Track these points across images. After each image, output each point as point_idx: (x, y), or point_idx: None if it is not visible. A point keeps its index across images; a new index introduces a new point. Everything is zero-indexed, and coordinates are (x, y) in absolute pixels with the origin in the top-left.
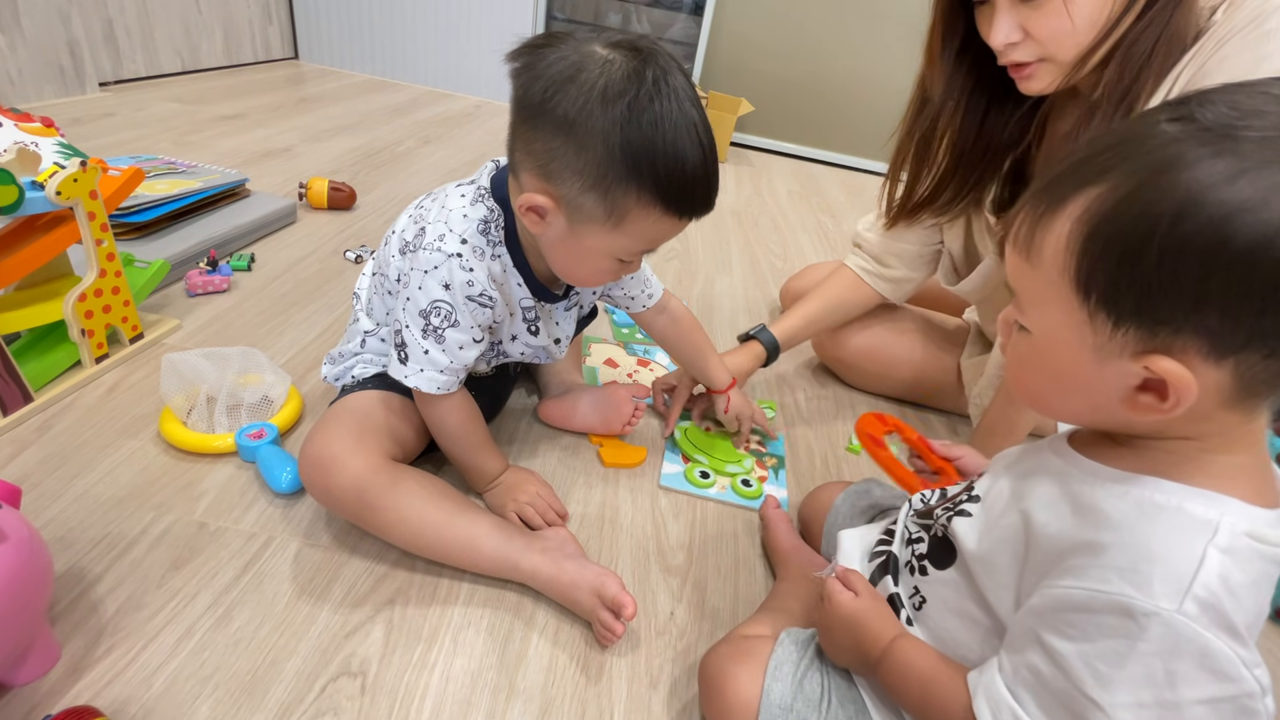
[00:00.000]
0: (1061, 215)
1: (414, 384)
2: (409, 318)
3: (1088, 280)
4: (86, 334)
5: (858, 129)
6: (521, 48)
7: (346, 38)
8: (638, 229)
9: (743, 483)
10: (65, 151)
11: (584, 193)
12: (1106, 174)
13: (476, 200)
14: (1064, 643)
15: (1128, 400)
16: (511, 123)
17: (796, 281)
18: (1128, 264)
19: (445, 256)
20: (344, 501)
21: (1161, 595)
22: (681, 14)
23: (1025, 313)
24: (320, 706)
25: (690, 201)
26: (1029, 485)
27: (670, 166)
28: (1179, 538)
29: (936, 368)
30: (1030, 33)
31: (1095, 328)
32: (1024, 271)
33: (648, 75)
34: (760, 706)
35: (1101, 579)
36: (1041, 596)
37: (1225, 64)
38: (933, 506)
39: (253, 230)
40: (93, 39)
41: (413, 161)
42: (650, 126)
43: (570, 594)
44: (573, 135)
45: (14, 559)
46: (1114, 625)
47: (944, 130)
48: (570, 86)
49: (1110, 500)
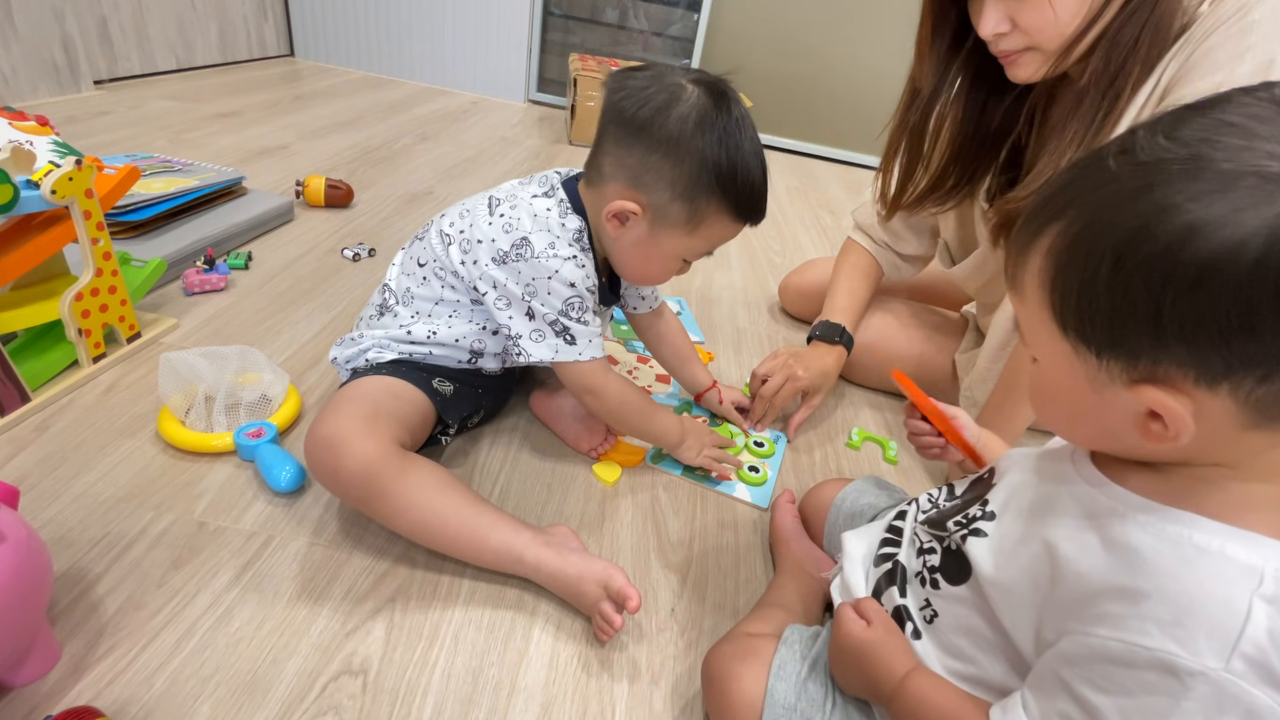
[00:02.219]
0: (1034, 252)
1: (592, 354)
2: (553, 313)
3: (1062, 314)
4: (84, 333)
5: (856, 124)
6: (619, 75)
7: (342, 34)
8: (709, 233)
9: (750, 469)
10: (60, 150)
11: (673, 201)
12: (1064, 211)
13: (566, 213)
14: (1100, 696)
15: (1140, 428)
16: (605, 142)
17: (795, 277)
18: (1087, 298)
19: (563, 260)
20: (351, 485)
21: (1208, 653)
22: (679, 9)
23: (1029, 344)
24: (321, 705)
25: (755, 211)
26: (1051, 509)
27: (744, 182)
28: (1223, 588)
29: (936, 362)
30: (1017, 23)
31: (1082, 359)
32: (1018, 307)
33: (727, 108)
34: (764, 706)
35: (1142, 631)
36: (1074, 643)
37: (1210, 55)
38: (945, 515)
39: (250, 228)
40: (87, 37)
41: (410, 159)
42: (735, 149)
43: (576, 587)
44: (671, 152)
45: (13, 559)
46: (1155, 682)
47: (939, 122)
48: (667, 112)
49: (1145, 538)
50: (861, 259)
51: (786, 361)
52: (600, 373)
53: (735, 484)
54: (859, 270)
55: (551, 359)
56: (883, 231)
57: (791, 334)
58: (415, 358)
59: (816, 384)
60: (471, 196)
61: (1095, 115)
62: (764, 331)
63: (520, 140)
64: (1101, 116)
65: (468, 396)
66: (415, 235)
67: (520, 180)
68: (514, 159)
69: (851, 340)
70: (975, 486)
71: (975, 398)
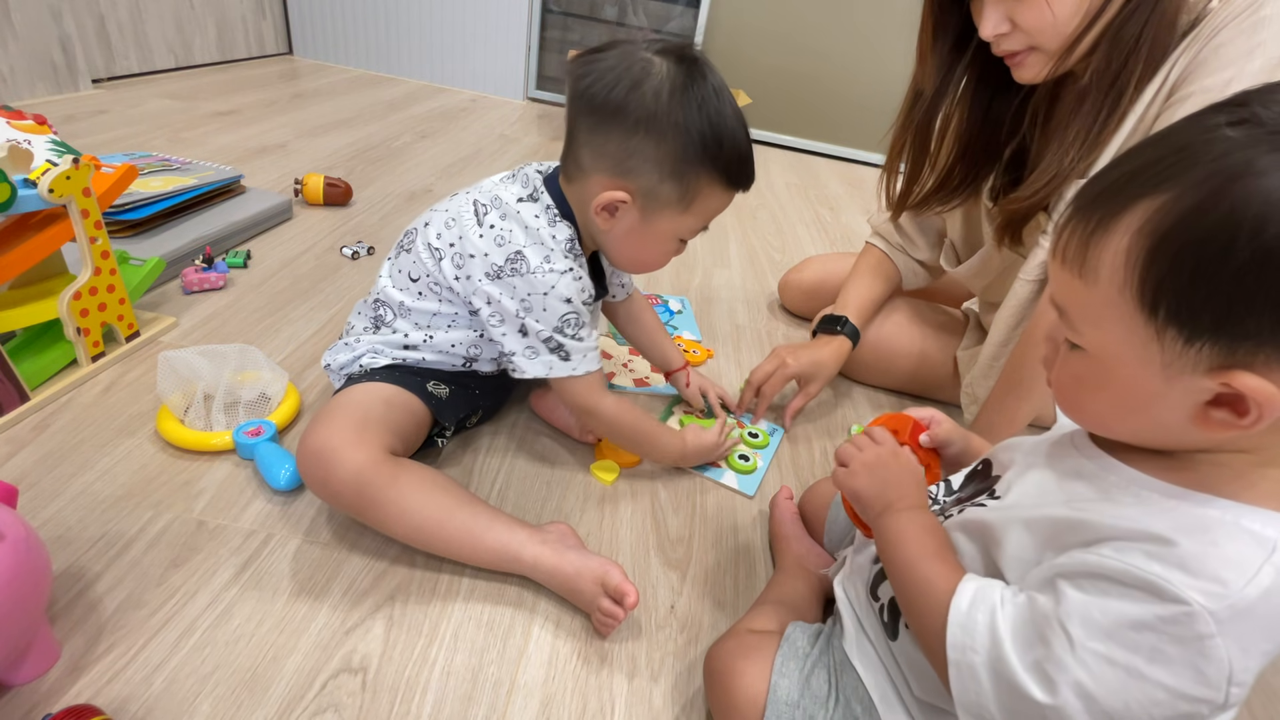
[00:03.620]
0: (1117, 229)
1: (586, 369)
2: (548, 330)
3: (1155, 296)
4: (82, 332)
5: (856, 121)
6: (580, 60)
7: (340, 32)
8: (703, 206)
9: (740, 457)
10: (58, 149)
11: (662, 181)
12: (1166, 183)
13: (554, 220)
14: (1076, 592)
15: (1198, 417)
16: (579, 132)
17: (795, 274)
18: (1204, 278)
19: (559, 275)
20: (343, 495)
21: (1199, 593)
22: (678, 5)
23: (1080, 331)
24: (321, 703)
25: (745, 176)
26: (1061, 487)
27: (731, 148)
28: (1236, 548)
29: (937, 359)
30: (1017, 23)
31: (1164, 345)
32: (1076, 289)
33: (701, 74)
34: (767, 703)
35: (1144, 560)
36: (1071, 557)
37: (1220, 51)
38: (944, 510)
39: (248, 227)
40: (85, 35)
41: (409, 157)
42: (716, 115)
43: (574, 584)
44: (651, 130)
45: (12, 558)
46: (1135, 596)
47: (944, 122)
48: (640, 90)
49: (1162, 514)
50: (874, 257)
51: (778, 351)
52: (596, 391)
53: (724, 471)
54: (870, 268)
55: (546, 375)
56: (898, 235)
57: (791, 331)
58: (409, 362)
59: (808, 372)
60: (453, 198)
61: (1098, 114)
62: (763, 329)
63: (519, 138)
64: (1104, 115)
65: (464, 398)
66: (399, 245)
67: (502, 177)
68: (513, 156)
69: (855, 331)
70: (973, 479)
71: (977, 394)
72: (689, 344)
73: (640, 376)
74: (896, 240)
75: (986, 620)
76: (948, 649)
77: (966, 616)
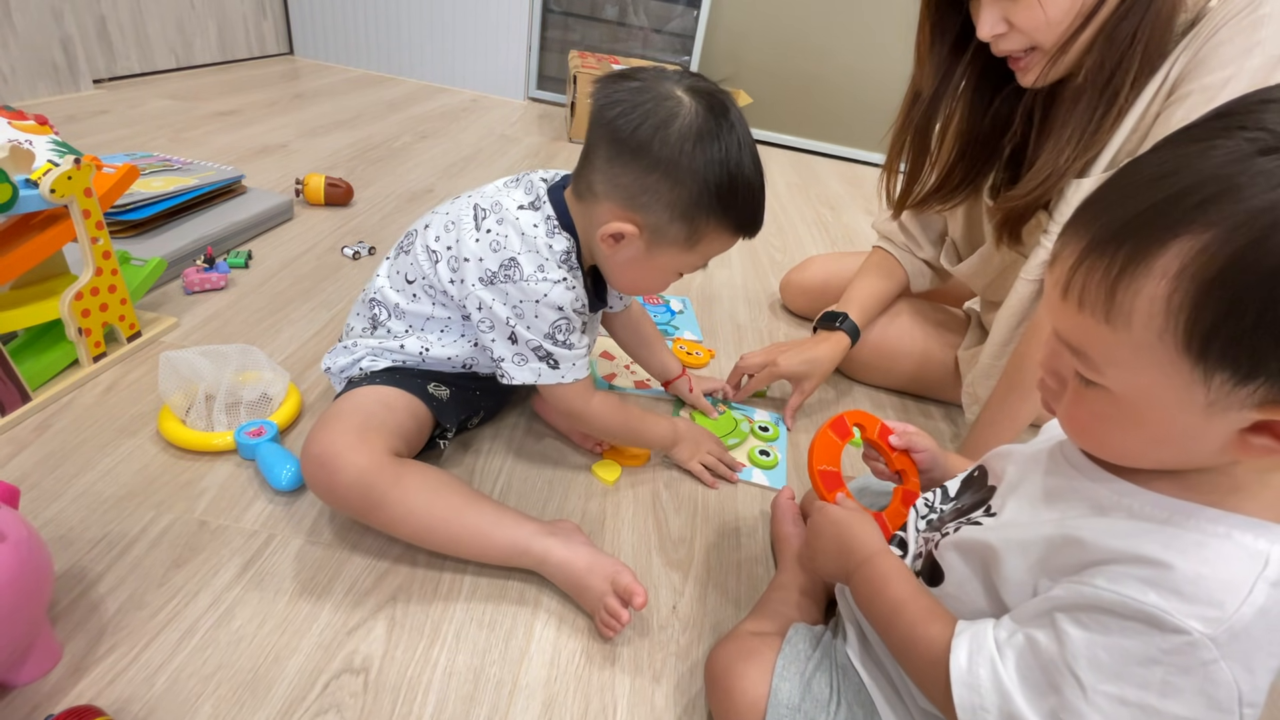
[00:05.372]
0: (1152, 273)
1: (575, 377)
2: (537, 338)
3: (1205, 341)
4: (84, 332)
5: (857, 121)
6: (606, 84)
7: (341, 33)
8: (707, 248)
9: (761, 453)
10: (59, 149)
11: (672, 221)
12: (1201, 221)
13: (553, 231)
14: (1076, 629)
15: (1234, 444)
16: (596, 157)
17: (796, 274)
18: (1270, 323)
19: (552, 284)
20: (348, 499)
21: (1196, 620)
22: (679, 5)
23: (1102, 372)
24: (323, 704)
25: (754, 226)
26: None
27: (744, 198)
28: (1229, 566)
29: (938, 359)
30: (1013, 23)
31: (1211, 387)
32: (1100, 334)
33: (727, 122)
34: (768, 706)
35: (1140, 590)
36: (1067, 590)
37: (1219, 49)
38: (944, 519)
39: (249, 227)
40: (86, 36)
41: (410, 157)
42: (735, 166)
43: (583, 579)
44: (669, 174)
45: (13, 559)
46: (1136, 630)
47: (945, 123)
48: (665, 131)
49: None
50: (880, 258)
51: (774, 348)
52: (584, 396)
53: (751, 470)
54: (875, 267)
55: (534, 382)
56: (902, 235)
57: (792, 331)
58: (409, 364)
59: (800, 371)
60: (455, 201)
61: (1094, 112)
62: (764, 328)
63: (520, 138)
64: (1100, 114)
65: (465, 399)
66: (399, 245)
67: (506, 181)
68: (514, 156)
69: (855, 327)
70: (969, 486)
71: (978, 394)
72: (690, 344)
73: (642, 379)
74: (901, 241)
75: (989, 675)
76: (958, 712)
77: (969, 674)
